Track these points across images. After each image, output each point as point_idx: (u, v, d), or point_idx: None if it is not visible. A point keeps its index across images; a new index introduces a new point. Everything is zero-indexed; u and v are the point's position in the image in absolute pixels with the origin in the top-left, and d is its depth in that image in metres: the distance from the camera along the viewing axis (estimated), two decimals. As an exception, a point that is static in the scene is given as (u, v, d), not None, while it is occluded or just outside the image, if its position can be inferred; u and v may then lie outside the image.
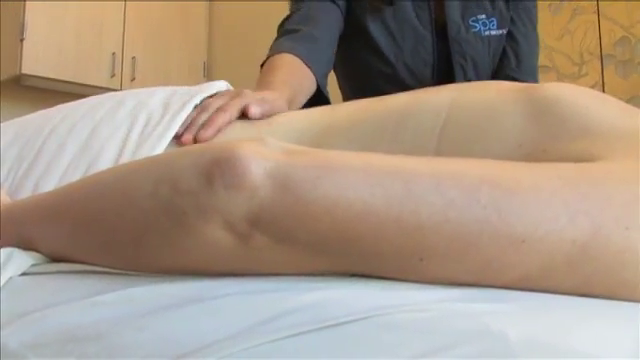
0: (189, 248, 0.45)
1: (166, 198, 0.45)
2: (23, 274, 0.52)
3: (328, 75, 1.35)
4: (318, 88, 1.25)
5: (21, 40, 3.61)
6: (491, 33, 1.49)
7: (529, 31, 1.54)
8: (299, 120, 0.75)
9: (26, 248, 0.54)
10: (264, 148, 0.45)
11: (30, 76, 3.69)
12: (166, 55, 4.23)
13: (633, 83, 2.98)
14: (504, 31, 1.51)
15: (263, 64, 1.24)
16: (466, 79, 1.48)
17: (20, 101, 3.73)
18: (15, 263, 0.52)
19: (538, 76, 1.58)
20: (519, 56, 1.52)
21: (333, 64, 1.40)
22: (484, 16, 1.48)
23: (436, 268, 0.43)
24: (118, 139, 0.71)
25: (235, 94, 0.82)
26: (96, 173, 0.56)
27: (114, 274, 0.49)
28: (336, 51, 1.39)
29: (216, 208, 0.43)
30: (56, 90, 3.82)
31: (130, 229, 0.48)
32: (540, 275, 0.43)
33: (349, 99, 1.07)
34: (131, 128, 0.72)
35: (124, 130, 0.72)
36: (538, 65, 1.59)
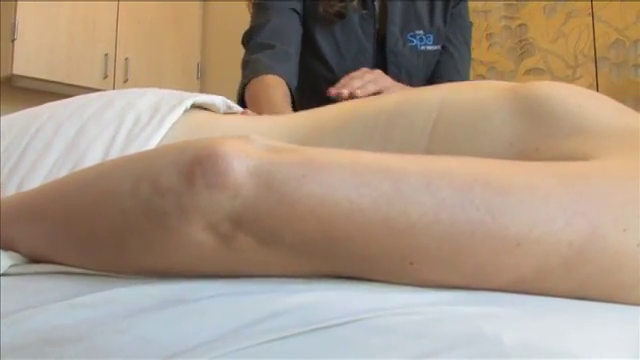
0: (171, 249, 0.43)
1: (146, 197, 0.44)
2: (2, 275, 0.50)
3: None
4: None
5: (12, 41, 3.60)
6: (427, 48, 1.63)
7: (462, 48, 1.69)
8: (287, 120, 0.74)
9: (6, 248, 0.52)
10: (248, 145, 0.44)
11: (22, 77, 3.68)
12: (159, 56, 4.22)
13: (627, 86, 2.98)
14: (439, 47, 1.65)
15: (248, 79, 1.38)
16: None
17: (12, 102, 3.71)
18: (-7, 264, 0.50)
19: None
20: (452, 72, 1.66)
21: None
22: (422, 32, 1.63)
23: (427, 271, 0.41)
24: (105, 139, 0.70)
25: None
26: (76, 171, 0.54)
27: (94, 275, 0.47)
28: None
29: (197, 208, 0.41)
30: (48, 91, 3.80)
31: (109, 229, 0.46)
32: (535, 278, 0.41)
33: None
34: (119, 128, 0.71)
35: (112, 130, 0.71)
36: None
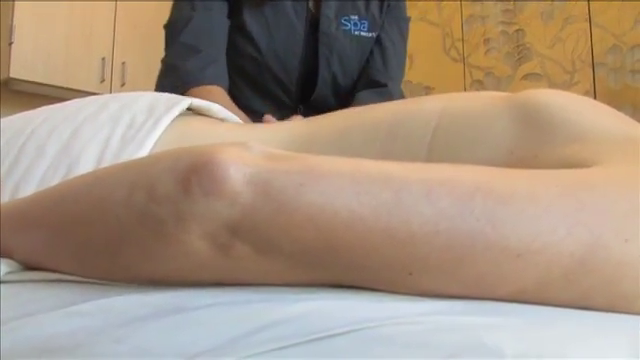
0: (167, 257, 0.43)
1: (142, 205, 0.43)
2: (-2, 282, 0.50)
3: None
4: None
5: (10, 44, 3.59)
6: (361, 34, 1.60)
7: (397, 41, 1.66)
8: (285, 129, 0.74)
9: (2, 255, 0.52)
10: (245, 152, 0.43)
11: (19, 80, 3.67)
12: (157, 60, 4.20)
13: (625, 91, 2.99)
14: (374, 34, 1.62)
15: (184, 89, 1.38)
16: (330, 72, 1.57)
17: (9, 105, 3.70)
18: (-11, 271, 0.50)
19: (401, 85, 1.70)
20: (386, 60, 1.62)
21: None
22: (356, 17, 1.60)
23: (427, 281, 0.41)
24: (100, 141, 0.69)
25: None
26: (71, 178, 0.54)
27: (90, 283, 0.47)
28: None
29: (194, 216, 0.41)
30: (45, 95, 3.79)
31: (105, 237, 0.45)
32: (536, 288, 0.41)
33: None
34: (113, 130, 0.70)
35: (106, 132, 0.70)
36: (403, 77, 1.71)
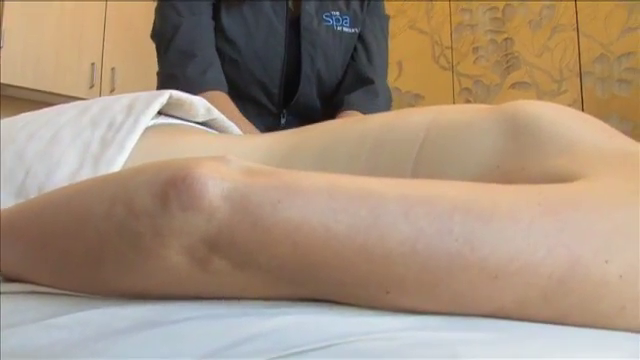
0: (146, 272, 0.43)
1: (121, 219, 0.43)
2: (-23, 294, 0.50)
3: None
4: None
5: (-2, 49, 3.58)
6: (344, 29, 1.58)
7: (380, 38, 1.65)
8: (268, 142, 0.73)
9: (-18, 267, 0.52)
10: (224, 167, 0.43)
11: (8, 86, 3.65)
12: (146, 66, 4.19)
13: (612, 100, 3.01)
14: (357, 30, 1.60)
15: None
16: (314, 70, 1.54)
17: (-3, 110, 3.69)
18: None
19: (386, 78, 1.68)
20: (371, 57, 1.61)
21: None
22: (338, 13, 1.58)
23: (403, 300, 0.41)
24: (80, 144, 0.69)
25: None
26: (52, 190, 0.53)
27: (69, 296, 0.47)
28: None
29: (172, 230, 0.41)
30: (34, 100, 3.77)
31: (85, 251, 0.45)
32: (515, 307, 0.40)
33: None
34: (93, 132, 0.70)
35: (87, 135, 0.70)
36: (387, 70, 1.69)
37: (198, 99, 0.84)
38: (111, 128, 0.71)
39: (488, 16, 3.54)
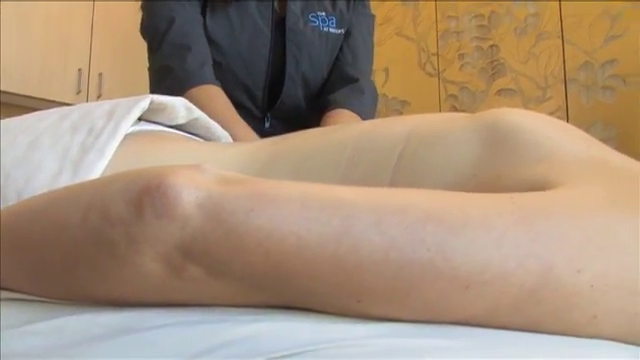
0: (122, 279, 0.43)
1: (96, 227, 0.43)
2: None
3: None
4: None
5: (-16, 54, 3.56)
6: (330, 30, 1.55)
7: (365, 35, 1.63)
8: (245, 151, 0.73)
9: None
10: (198, 175, 0.43)
11: (-6, 91, 3.64)
12: (134, 72, 4.19)
13: (596, 107, 3.03)
14: (343, 31, 1.58)
15: (184, 89, 1.33)
16: (299, 72, 1.51)
17: (-18, 116, 3.66)
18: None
19: (372, 77, 1.67)
20: (356, 55, 1.59)
21: None
22: (324, 13, 1.55)
23: (375, 309, 0.41)
24: (59, 149, 0.69)
25: None
26: (30, 197, 0.53)
27: (44, 302, 0.47)
28: None
29: (147, 238, 0.41)
30: (20, 105, 3.76)
31: (61, 258, 0.45)
32: (486, 315, 0.41)
33: None
34: (72, 138, 0.70)
35: (66, 140, 0.70)
36: (372, 68, 1.67)
37: (179, 100, 0.84)
38: (91, 134, 0.70)
39: (474, 23, 3.56)
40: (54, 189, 0.52)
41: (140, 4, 1.50)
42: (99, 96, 4.05)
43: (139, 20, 1.49)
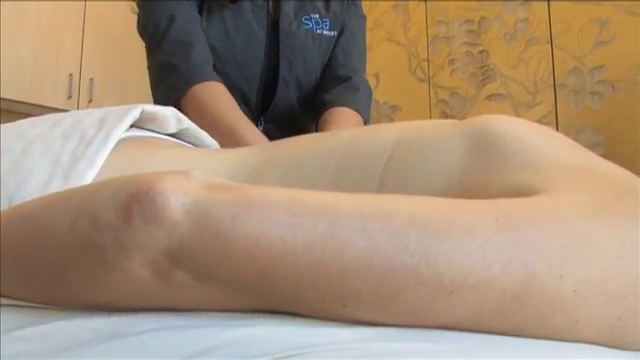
0: (110, 284, 0.44)
1: (85, 233, 0.44)
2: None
3: None
4: None
5: (-26, 59, 3.55)
6: (323, 32, 1.55)
7: (358, 35, 1.63)
8: (235, 158, 0.73)
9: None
10: (186, 181, 0.44)
11: (-16, 96, 3.63)
12: (125, 77, 4.19)
13: (585, 112, 3.05)
14: (336, 33, 1.58)
15: (189, 86, 1.33)
16: (292, 74, 1.51)
17: (-27, 121, 3.65)
18: None
19: (365, 75, 1.66)
20: (348, 54, 1.59)
21: None
22: (317, 16, 1.55)
23: (360, 313, 0.41)
24: (50, 157, 0.69)
25: None
26: (21, 204, 0.54)
27: (34, 308, 0.47)
28: None
29: (135, 244, 0.42)
30: (11, 110, 3.75)
31: (50, 264, 0.46)
32: (470, 320, 0.41)
33: None
34: (64, 146, 0.70)
35: (57, 148, 0.70)
36: (365, 67, 1.67)
37: (170, 110, 0.85)
38: (82, 142, 0.71)
39: (464, 28, 3.58)
40: (45, 195, 0.52)
41: (136, 3, 1.49)
42: (90, 101, 4.04)
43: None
